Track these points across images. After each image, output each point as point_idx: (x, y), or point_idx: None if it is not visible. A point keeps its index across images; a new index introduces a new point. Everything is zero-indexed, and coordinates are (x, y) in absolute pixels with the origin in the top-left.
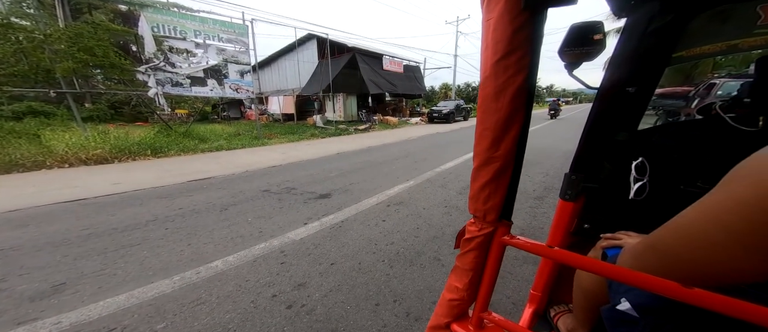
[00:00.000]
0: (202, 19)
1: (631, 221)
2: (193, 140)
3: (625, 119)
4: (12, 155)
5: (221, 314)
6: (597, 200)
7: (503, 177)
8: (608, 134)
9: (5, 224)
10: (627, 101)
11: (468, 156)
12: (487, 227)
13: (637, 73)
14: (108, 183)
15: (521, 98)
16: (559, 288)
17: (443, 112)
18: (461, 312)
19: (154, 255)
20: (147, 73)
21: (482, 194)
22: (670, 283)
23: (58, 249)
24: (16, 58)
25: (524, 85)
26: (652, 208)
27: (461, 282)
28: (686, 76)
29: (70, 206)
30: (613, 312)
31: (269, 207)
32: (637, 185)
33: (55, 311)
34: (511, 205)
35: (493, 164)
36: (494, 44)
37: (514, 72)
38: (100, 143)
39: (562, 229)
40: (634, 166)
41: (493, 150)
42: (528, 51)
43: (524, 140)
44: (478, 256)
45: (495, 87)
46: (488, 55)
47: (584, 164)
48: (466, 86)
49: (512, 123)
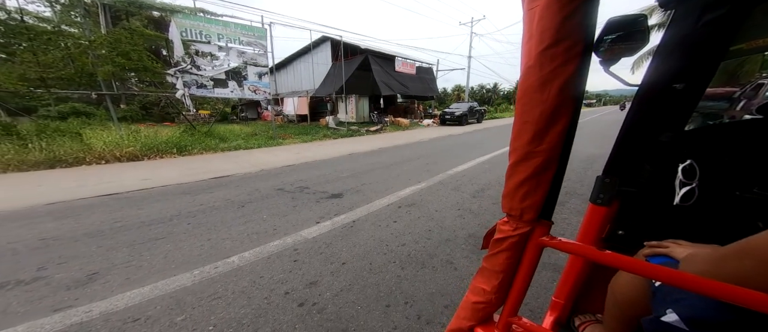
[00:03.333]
0: (225, 23)
1: (674, 228)
2: (214, 140)
3: (670, 118)
4: (56, 151)
5: (236, 309)
6: (634, 205)
7: (545, 174)
8: (650, 135)
9: (48, 216)
10: (674, 99)
11: (482, 159)
12: (523, 226)
13: (687, 69)
14: (138, 179)
15: (571, 89)
16: (585, 297)
17: (456, 114)
18: (486, 315)
19: (176, 248)
20: (175, 76)
21: (519, 191)
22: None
23: (93, 239)
24: (65, 62)
25: (575, 75)
26: (702, 215)
27: (489, 285)
28: (730, 76)
29: (104, 200)
30: (657, 324)
31: (283, 205)
32: (684, 189)
33: (87, 299)
34: (552, 204)
35: (534, 159)
36: (540, 33)
37: (563, 61)
38: (133, 141)
39: (592, 235)
40: (680, 169)
41: (535, 144)
42: (579, 39)
43: (572, 134)
44: (510, 257)
45: (540, 77)
46: (533, 44)
47: (620, 166)
48: (479, 87)
49: (559, 116)
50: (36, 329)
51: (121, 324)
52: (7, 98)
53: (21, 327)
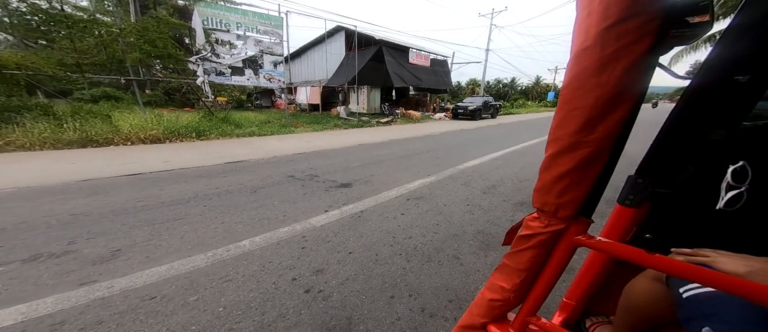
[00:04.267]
0: (244, 12)
1: (710, 236)
2: (230, 126)
3: (726, 114)
4: (88, 132)
5: (245, 292)
6: (668, 207)
7: (592, 167)
8: (699, 133)
9: (80, 192)
10: (734, 93)
11: (494, 155)
12: (556, 223)
13: (756, 58)
14: (160, 161)
15: (637, 73)
16: (597, 299)
17: (469, 108)
18: (501, 314)
19: (192, 230)
20: (196, 63)
21: (558, 185)
22: None
23: (118, 217)
24: (98, 49)
25: (647, 54)
26: (748, 221)
27: (510, 283)
28: None
29: (129, 180)
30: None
31: (293, 192)
32: (732, 193)
33: (109, 275)
34: (595, 201)
35: (581, 150)
36: (605, 8)
37: (634, 39)
38: (156, 124)
39: (616, 238)
40: (730, 171)
41: (585, 134)
42: (655, 15)
43: (630, 127)
44: (537, 256)
45: (600, 59)
46: (593, 21)
47: (657, 165)
48: (496, 82)
49: (619, 102)
50: (63, 301)
51: (138, 301)
52: (46, 81)
53: (50, 299)
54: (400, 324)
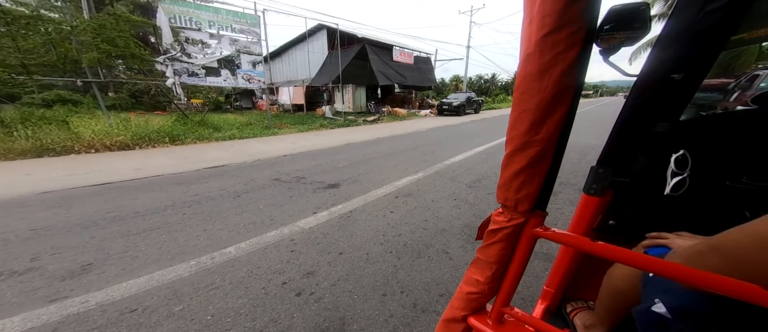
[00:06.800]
0: (216, 10)
1: (664, 218)
2: (208, 129)
3: (667, 108)
4: (43, 140)
5: (234, 299)
6: (626, 195)
7: (541, 164)
8: (646, 125)
9: (40, 205)
10: (671, 89)
11: (478, 149)
12: (517, 217)
13: (687, 59)
14: (130, 168)
15: (570, 77)
16: (576, 285)
17: (453, 104)
18: (480, 306)
19: (172, 239)
20: (165, 64)
21: (515, 182)
22: (751, 286)
23: (87, 230)
24: (46, 48)
25: (575, 63)
26: (692, 205)
27: (483, 275)
28: (725, 68)
29: (96, 190)
30: (647, 314)
31: (280, 195)
32: (676, 179)
33: (83, 290)
34: (547, 195)
35: (530, 150)
36: (541, 18)
37: (564, 48)
38: (123, 130)
39: (584, 225)
40: (673, 159)
41: (532, 134)
42: (582, 26)
43: (569, 124)
44: (504, 248)
45: (540, 65)
46: (533, 29)
47: (615, 156)
48: (477, 78)
49: (558, 104)
50: (33, 319)
51: (118, 314)
52: None
53: (18, 317)
54: (393, 321)
